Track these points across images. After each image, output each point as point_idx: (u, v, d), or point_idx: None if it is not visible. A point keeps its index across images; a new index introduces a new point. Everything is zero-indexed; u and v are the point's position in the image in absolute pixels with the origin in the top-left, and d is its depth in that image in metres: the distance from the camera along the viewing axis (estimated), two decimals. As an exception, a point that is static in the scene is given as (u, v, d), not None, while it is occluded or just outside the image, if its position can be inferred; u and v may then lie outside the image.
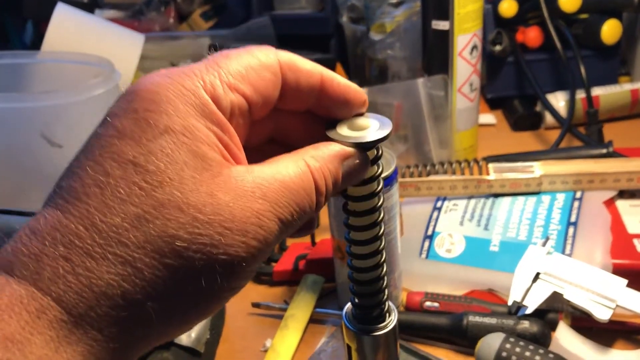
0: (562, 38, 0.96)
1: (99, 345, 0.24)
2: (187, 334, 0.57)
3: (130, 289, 0.24)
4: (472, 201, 0.76)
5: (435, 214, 0.75)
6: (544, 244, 0.64)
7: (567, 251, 0.66)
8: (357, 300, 0.36)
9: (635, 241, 0.66)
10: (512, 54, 1.03)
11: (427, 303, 0.65)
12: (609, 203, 0.72)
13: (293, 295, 0.69)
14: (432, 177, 0.78)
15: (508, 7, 1.00)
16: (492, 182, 0.75)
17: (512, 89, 1.06)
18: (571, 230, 0.68)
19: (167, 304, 0.25)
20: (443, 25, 0.83)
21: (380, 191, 0.33)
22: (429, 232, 0.73)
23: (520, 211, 0.73)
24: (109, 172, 0.24)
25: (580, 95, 0.96)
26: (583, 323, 0.60)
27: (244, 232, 0.25)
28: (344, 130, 0.31)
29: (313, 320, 0.67)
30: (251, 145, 0.31)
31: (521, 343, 0.55)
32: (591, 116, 0.93)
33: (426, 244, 0.72)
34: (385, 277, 0.36)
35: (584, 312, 0.58)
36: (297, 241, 0.78)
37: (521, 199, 0.75)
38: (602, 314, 0.57)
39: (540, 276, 0.61)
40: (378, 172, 0.33)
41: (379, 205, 0.34)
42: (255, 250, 0.26)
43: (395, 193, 0.60)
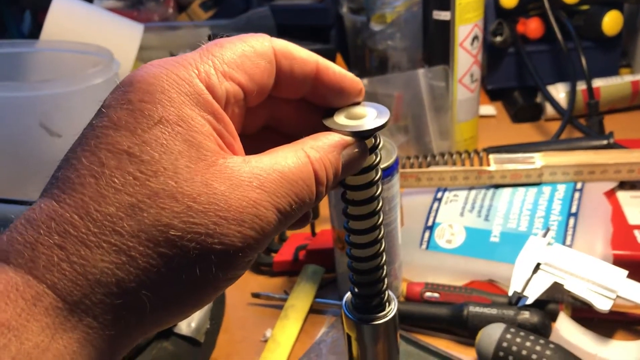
0: (563, 29, 0.95)
1: (95, 333, 0.24)
2: (187, 324, 0.57)
3: (124, 277, 0.24)
4: (473, 192, 0.76)
5: (435, 204, 0.75)
6: (545, 235, 0.64)
7: (568, 242, 0.66)
8: (357, 289, 0.36)
9: (636, 232, 0.66)
10: (512, 45, 1.02)
11: (428, 294, 0.65)
12: (610, 194, 0.72)
13: (293, 286, 0.69)
14: (433, 168, 0.78)
15: (509, -2, 0.99)
16: (492, 173, 0.75)
17: (513, 80, 1.06)
18: (572, 221, 0.68)
19: (162, 293, 0.25)
20: (444, 16, 0.82)
21: (378, 180, 0.33)
22: (430, 223, 0.73)
23: (521, 202, 0.73)
24: (104, 163, 0.25)
25: (581, 86, 0.96)
26: (583, 314, 0.60)
27: (240, 221, 0.25)
28: (341, 119, 0.31)
29: (313, 310, 0.67)
30: (247, 133, 0.31)
31: (522, 333, 0.55)
32: (592, 107, 0.93)
33: (426, 234, 0.71)
34: (384, 265, 0.36)
35: (584, 302, 0.58)
36: (297, 232, 0.78)
37: (522, 189, 0.75)
38: (603, 305, 0.57)
39: (541, 267, 0.61)
40: (376, 161, 0.33)
41: (377, 194, 0.33)
42: (251, 241, 0.26)
43: (395, 183, 0.60)
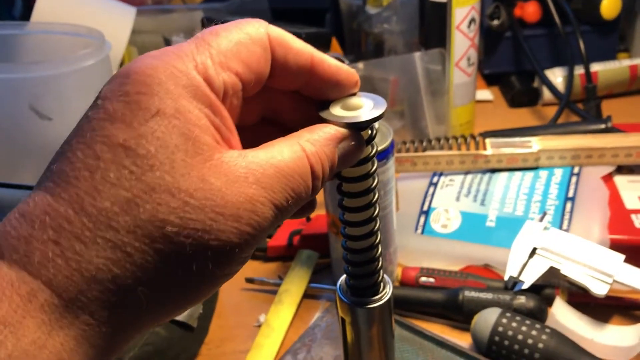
0: (560, 13, 0.94)
1: (91, 329, 0.24)
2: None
3: (120, 273, 0.24)
4: (469, 176, 0.75)
5: (431, 189, 0.75)
6: (541, 219, 0.64)
7: (565, 226, 0.66)
8: (351, 269, 0.35)
9: (633, 216, 0.66)
10: (510, 28, 1.01)
11: (423, 278, 0.64)
12: (607, 178, 0.72)
13: (287, 271, 0.68)
14: (429, 152, 0.77)
15: (507, -19, 0.98)
16: (489, 157, 0.75)
17: (510, 65, 1.05)
18: (569, 205, 0.68)
19: (158, 289, 0.25)
20: (441, -2, 0.81)
21: (374, 172, 0.33)
22: (425, 208, 0.72)
23: (518, 186, 0.72)
24: (99, 156, 0.24)
25: (579, 71, 0.95)
26: (579, 298, 0.60)
27: (236, 217, 0.25)
28: (337, 110, 0.30)
29: (307, 295, 0.66)
30: (245, 125, 0.31)
31: (517, 318, 0.55)
32: (589, 91, 0.92)
33: (422, 219, 0.71)
34: (379, 245, 0.35)
35: (580, 287, 0.58)
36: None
37: (518, 174, 0.74)
38: (599, 289, 0.57)
39: (537, 251, 0.60)
40: (372, 153, 0.32)
41: (373, 186, 0.33)
42: (248, 237, 0.26)
43: (391, 167, 0.59)
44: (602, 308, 0.60)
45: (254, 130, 0.32)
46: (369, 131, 0.31)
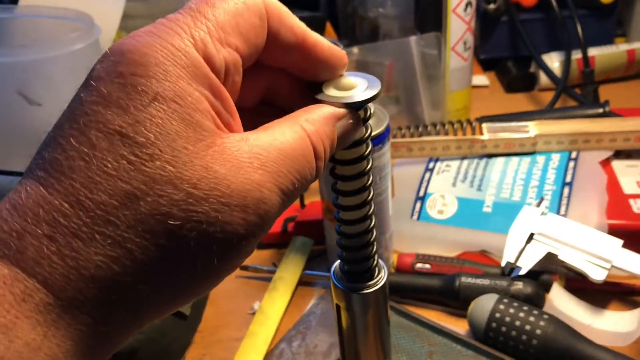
0: (558, -4, 0.93)
1: (89, 330, 0.23)
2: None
3: (120, 271, 0.22)
4: (465, 162, 0.74)
5: (427, 175, 0.74)
6: (538, 205, 0.63)
7: (562, 212, 0.65)
8: (345, 254, 0.35)
9: (631, 201, 0.65)
10: (506, 13, 1.00)
11: (419, 265, 0.63)
12: (605, 163, 0.71)
13: (282, 258, 0.68)
14: (425, 138, 0.76)
15: (503, -36, 0.97)
16: (485, 142, 0.74)
17: (506, 50, 1.04)
18: (566, 190, 0.67)
19: (160, 286, 0.23)
20: (436, -19, 0.80)
21: (369, 154, 0.32)
22: (421, 194, 0.71)
23: (514, 171, 0.71)
24: (95, 144, 0.22)
25: (576, 55, 0.94)
26: (577, 284, 0.59)
27: (243, 207, 0.23)
28: (331, 91, 0.30)
29: (302, 282, 0.65)
30: (245, 106, 0.29)
31: (515, 304, 0.54)
32: (587, 76, 0.91)
33: (418, 205, 0.70)
34: (373, 229, 0.34)
35: (578, 272, 0.57)
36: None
37: (515, 159, 0.73)
38: (597, 275, 0.56)
39: (534, 237, 0.59)
40: (367, 135, 0.31)
41: (367, 169, 0.32)
42: (255, 227, 0.24)
43: (386, 152, 0.58)
44: (600, 294, 0.59)
45: (254, 113, 0.30)
46: (364, 112, 0.30)
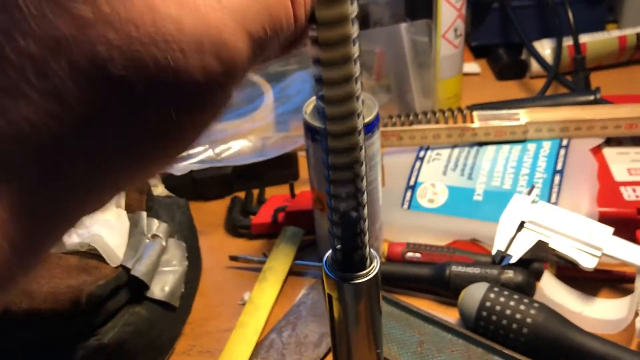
0: (549, -18, 0.93)
1: (26, 196, 0.20)
2: (160, 288, 0.55)
3: (57, 126, 0.20)
4: (456, 150, 0.74)
5: (417, 164, 0.73)
6: (529, 193, 0.62)
7: (553, 200, 0.65)
8: (337, 243, 0.34)
9: (622, 189, 0.65)
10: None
11: (409, 254, 0.63)
12: (596, 151, 0.71)
13: (272, 248, 0.67)
14: (415, 126, 0.76)
15: (494, -50, 0.96)
16: (476, 130, 0.73)
17: (497, 37, 1.03)
18: (557, 178, 0.67)
19: (109, 144, 0.21)
20: (427, -33, 0.79)
21: (357, 37, 0.28)
22: (411, 183, 0.71)
23: (505, 160, 0.71)
24: None
25: (567, 42, 0.94)
26: (568, 272, 0.59)
27: (198, 50, 0.21)
28: None
29: (292, 272, 0.65)
30: None
31: (505, 293, 0.54)
32: (578, 63, 0.91)
33: (408, 194, 0.70)
34: (366, 218, 0.34)
35: (569, 260, 0.57)
36: (276, 193, 0.76)
37: (506, 147, 0.73)
38: (588, 263, 0.56)
39: (525, 225, 0.59)
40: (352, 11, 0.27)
41: (355, 52, 0.28)
42: (217, 74, 0.21)
43: (376, 141, 0.58)
44: (591, 281, 0.59)
45: None
46: None
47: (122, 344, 0.51)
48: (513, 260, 0.58)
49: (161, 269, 0.56)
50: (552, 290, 0.57)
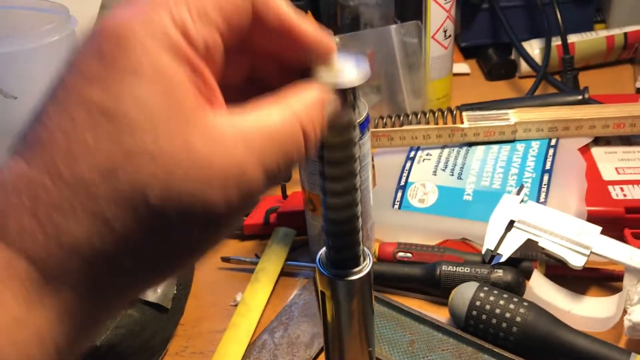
0: (537, -17, 0.93)
1: (73, 303, 0.23)
2: (152, 290, 0.55)
3: (100, 244, 0.22)
4: (446, 151, 0.75)
5: (408, 164, 0.74)
6: (518, 192, 0.63)
7: (542, 199, 0.65)
8: (332, 241, 0.35)
9: (610, 188, 0.65)
10: (486, 0, 1.00)
11: (400, 254, 0.64)
12: (584, 150, 0.71)
13: (264, 249, 0.67)
14: (406, 127, 0.76)
15: (483, -49, 0.97)
16: (466, 130, 0.74)
17: (487, 37, 1.04)
18: (546, 177, 0.67)
19: (141, 259, 0.24)
20: (416, -31, 0.79)
21: (358, 139, 0.32)
22: (402, 183, 0.71)
23: (495, 160, 0.71)
24: (74, 119, 0.22)
25: (556, 42, 0.94)
26: (557, 271, 0.60)
27: (224, 183, 0.23)
28: (319, 72, 0.29)
29: (284, 273, 0.65)
30: (230, 83, 0.29)
31: (495, 292, 0.54)
32: (567, 62, 0.91)
33: (399, 194, 0.70)
34: (360, 216, 0.34)
35: (558, 259, 0.58)
36: (267, 194, 0.76)
37: (495, 147, 0.73)
38: (577, 261, 0.56)
39: (515, 224, 0.60)
40: (355, 118, 0.31)
41: (356, 154, 0.32)
42: (236, 203, 0.24)
43: (367, 142, 0.58)
44: (580, 280, 0.60)
45: (240, 91, 0.30)
46: (352, 94, 0.30)
47: (114, 346, 0.51)
48: (503, 260, 0.58)
49: (153, 271, 0.56)
50: (541, 288, 0.57)
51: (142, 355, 0.55)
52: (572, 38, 0.96)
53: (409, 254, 0.63)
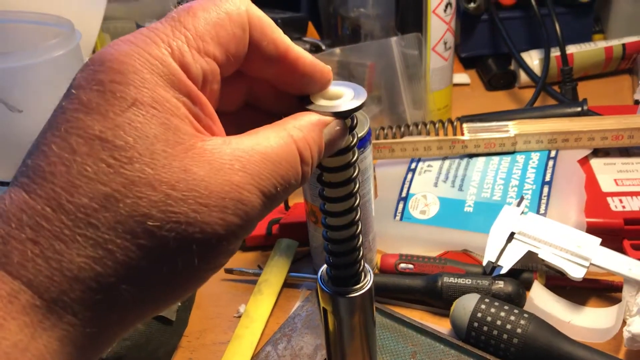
0: (536, -5, 0.94)
1: (76, 330, 0.23)
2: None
3: (102, 272, 0.23)
4: (447, 162, 0.75)
5: (409, 175, 0.74)
6: (519, 204, 0.64)
7: (542, 210, 0.66)
8: (332, 259, 0.35)
9: (609, 199, 0.66)
10: (486, 11, 1.01)
11: (402, 265, 0.64)
12: (584, 162, 0.72)
13: (267, 260, 0.68)
14: (407, 139, 0.77)
15: (482, -37, 0.98)
16: (466, 142, 0.75)
17: (486, 48, 1.05)
18: (546, 189, 0.68)
19: (143, 286, 0.24)
20: (416, -18, 0.80)
21: (355, 162, 0.33)
22: (404, 194, 0.72)
23: (495, 171, 0.72)
24: (75, 149, 0.23)
25: (555, 53, 0.95)
26: (557, 282, 0.60)
27: (222, 207, 0.24)
28: (318, 99, 0.30)
29: (287, 284, 0.66)
30: (227, 110, 0.30)
31: (496, 303, 0.55)
32: (566, 74, 0.92)
33: (400, 205, 0.71)
34: (360, 235, 0.35)
35: (558, 271, 0.58)
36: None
37: (496, 159, 0.74)
38: (577, 273, 0.57)
39: (515, 236, 0.60)
40: (353, 143, 0.32)
41: (354, 176, 0.33)
42: (235, 227, 0.25)
43: (369, 155, 0.59)
44: (579, 291, 0.60)
45: (238, 117, 0.31)
46: (351, 120, 0.31)
47: (120, 358, 0.52)
48: (503, 271, 0.59)
49: (158, 283, 0.57)
50: (541, 300, 0.58)
51: (147, 367, 0.55)
52: (570, 49, 0.97)
53: (410, 265, 0.64)
